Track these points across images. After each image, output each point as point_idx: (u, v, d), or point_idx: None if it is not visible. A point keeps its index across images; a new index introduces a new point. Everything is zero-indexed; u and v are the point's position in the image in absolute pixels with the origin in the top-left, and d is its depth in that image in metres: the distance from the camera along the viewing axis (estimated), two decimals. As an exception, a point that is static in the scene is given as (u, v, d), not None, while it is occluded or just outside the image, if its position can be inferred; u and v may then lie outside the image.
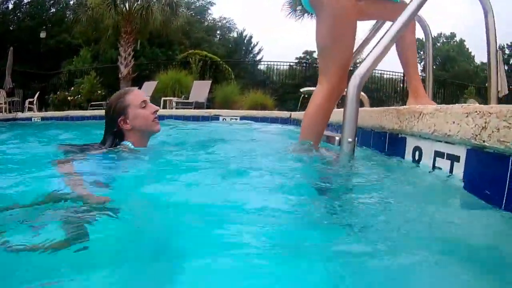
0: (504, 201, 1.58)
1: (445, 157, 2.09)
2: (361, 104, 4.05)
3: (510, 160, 1.56)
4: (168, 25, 26.46)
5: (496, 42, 3.50)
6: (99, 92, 23.48)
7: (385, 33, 2.76)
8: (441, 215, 1.70)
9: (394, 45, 3.05)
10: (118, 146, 2.99)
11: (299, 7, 28.38)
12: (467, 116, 1.82)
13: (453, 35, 74.01)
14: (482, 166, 1.78)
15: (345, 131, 2.67)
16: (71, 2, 36.60)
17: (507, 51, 67.88)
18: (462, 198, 1.85)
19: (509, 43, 68.21)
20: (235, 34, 62.30)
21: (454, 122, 1.92)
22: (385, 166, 2.61)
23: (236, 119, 11.46)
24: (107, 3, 24.63)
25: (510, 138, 1.53)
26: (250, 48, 60.59)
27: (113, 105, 3.04)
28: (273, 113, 12.26)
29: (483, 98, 28.08)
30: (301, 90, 7.79)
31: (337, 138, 2.81)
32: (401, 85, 27.14)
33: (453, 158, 2.01)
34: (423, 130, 2.26)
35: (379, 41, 2.76)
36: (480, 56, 74.92)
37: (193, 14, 48.77)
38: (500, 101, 21.94)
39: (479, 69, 66.46)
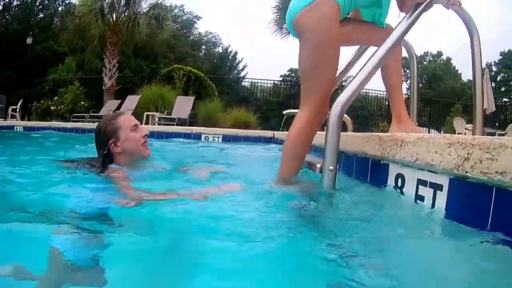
0: (487, 229, 1.61)
1: (428, 185, 2.10)
2: (344, 127, 4.07)
3: (494, 191, 1.58)
4: (154, 38, 26.78)
5: (481, 66, 3.53)
6: (82, 103, 23.43)
7: (368, 60, 2.79)
8: (423, 244, 1.74)
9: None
10: (107, 170, 2.97)
11: (285, 25, 28.33)
12: (449, 147, 1.83)
13: (439, 54, 75.01)
14: (465, 195, 1.80)
15: (326, 159, 2.66)
16: (60, 9, 36.79)
17: (494, 68, 69.03)
18: (445, 227, 1.87)
19: (496, 61, 69.36)
20: (220, 50, 62.86)
21: (436, 152, 1.94)
22: (366, 195, 2.61)
23: (218, 137, 11.43)
24: (95, 13, 24.78)
25: (493, 170, 1.55)
26: (234, 64, 60.96)
27: (104, 127, 3.04)
28: (256, 132, 12.27)
29: (470, 115, 28.46)
30: (284, 112, 7.79)
31: (318, 165, 2.81)
32: (386, 103, 27.37)
33: (436, 187, 2.02)
34: (405, 158, 2.27)
35: (361, 68, 2.79)
36: (467, 73, 75.52)
37: (179, 28, 49.09)
38: (487, 117, 22.27)
39: (466, 86, 67.44)
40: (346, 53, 4.04)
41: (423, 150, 2.07)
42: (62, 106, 23.18)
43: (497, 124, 25.79)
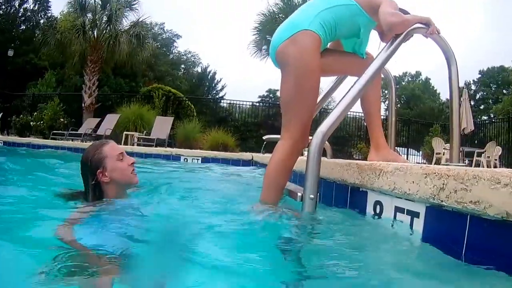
0: (463, 254, 1.71)
1: (405, 212, 2.20)
2: (324, 153, 4.18)
3: (468, 218, 1.69)
4: (134, 57, 26.84)
5: (459, 93, 3.65)
6: (61, 120, 23.33)
7: (348, 91, 2.90)
8: (401, 269, 1.81)
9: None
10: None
11: (264, 47, 28.86)
12: (426, 177, 1.93)
13: (418, 74, 75.59)
14: (441, 222, 1.90)
15: (307, 187, 2.73)
16: (41, 21, 36.65)
17: (473, 87, 69.93)
18: (422, 252, 1.96)
19: (475, 79, 70.26)
20: (199, 69, 63.10)
21: (413, 182, 2.04)
22: (345, 222, 2.68)
23: (197, 159, 11.46)
24: (76, 29, 24.85)
25: (467, 200, 1.66)
26: (213, 84, 61.06)
27: (91, 157, 3.04)
28: (235, 155, 12.29)
29: (449, 135, 28.69)
30: (264, 137, 7.86)
31: (299, 194, 2.87)
32: (364, 123, 27.58)
33: (413, 214, 2.12)
34: (383, 187, 2.37)
35: (342, 99, 2.90)
36: (446, 93, 76.34)
37: (159, 46, 49.02)
38: (467, 136, 22.48)
39: (444, 105, 68.29)
40: (327, 80, 4.17)
41: (401, 179, 2.17)
42: (42, 122, 22.99)
43: (476, 142, 26.20)
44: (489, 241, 1.61)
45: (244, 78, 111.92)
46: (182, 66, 62.41)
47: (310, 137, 2.87)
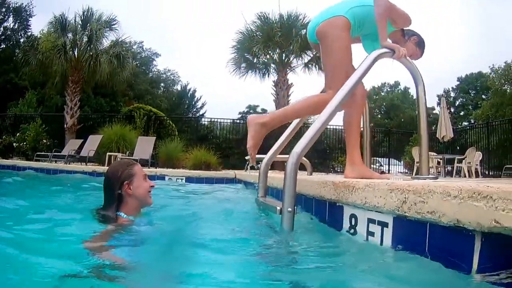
0: (427, 255, 2.02)
1: (376, 223, 2.50)
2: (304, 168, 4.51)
3: (427, 225, 2.00)
4: (115, 77, 26.95)
5: (426, 111, 3.98)
6: (44, 141, 23.28)
7: (320, 115, 3.24)
8: (372, 272, 2.10)
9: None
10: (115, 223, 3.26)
11: (243, 64, 29.39)
12: (391, 192, 2.25)
13: (397, 84, 75.97)
14: (406, 230, 2.21)
15: (285, 201, 3.01)
16: (21, 40, 36.51)
17: (452, 94, 70.57)
18: (391, 257, 2.25)
19: (454, 86, 70.91)
20: (179, 87, 63.24)
21: (381, 197, 2.34)
22: (324, 233, 3.01)
23: (182, 179, 11.69)
24: (58, 49, 24.86)
25: (425, 210, 1.97)
26: (193, 102, 61.26)
27: (121, 171, 3.39)
28: (219, 173, 12.54)
29: (429, 143, 28.99)
30: (247, 158, 8.10)
31: (278, 208, 3.15)
32: (344, 134, 27.88)
33: (383, 224, 2.42)
34: (356, 202, 2.68)
35: (314, 122, 3.29)
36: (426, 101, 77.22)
37: (138, 65, 48.94)
38: (448, 142, 22.77)
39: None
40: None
41: (371, 195, 2.48)
42: (25, 143, 23.01)
43: (458, 148, 26.61)
44: (443, 245, 1.91)
45: (224, 95, 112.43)
46: (162, 84, 62.53)
47: None
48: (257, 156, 6.84)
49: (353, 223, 2.82)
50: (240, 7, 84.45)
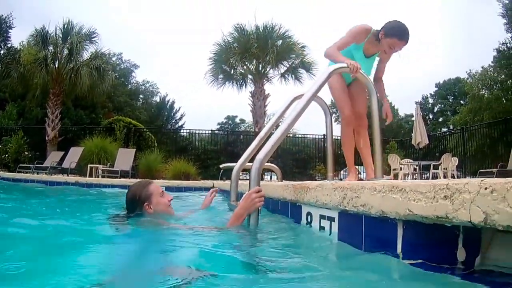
0: (363, 245, 2.41)
1: (326, 218, 2.91)
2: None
3: (363, 218, 2.40)
4: (95, 89, 27.18)
5: (378, 119, 4.48)
6: (26, 153, 23.53)
7: (281, 124, 3.67)
8: (321, 259, 2.51)
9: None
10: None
11: (220, 76, 29.84)
12: (335, 190, 2.65)
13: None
14: (348, 223, 2.61)
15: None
16: (1, 52, 36.21)
17: (430, 100, 71.19)
18: (337, 246, 2.68)
19: (432, 93, 71.52)
20: (157, 99, 63.47)
21: (328, 195, 2.75)
22: (286, 228, 3.45)
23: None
24: (39, 62, 25.04)
25: (359, 204, 2.37)
26: (172, 114, 61.59)
27: (139, 193, 3.77)
28: (197, 183, 12.94)
29: (406, 150, 29.47)
30: (221, 166, 8.46)
31: None
32: (323, 144, 28.27)
33: (331, 219, 2.83)
34: (310, 200, 3.08)
35: (275, 131, 3.69)
36: (404, 109, 77.71)
37: (117, 77, 48.82)
38: (424, 150, 23.08)
39: (403, 121, 69.37)
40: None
41: (320, 194, 2.89)
42: (7, 155, 23.24)
43: (437, 154, 26.76)
44: (375, 233, 2.31)
45: (203, 106, 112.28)
46: (141, 96, 62.75)
47: None
48: (228, 164, 7.26)
49: (309, 220, 3.23)
50: (218, 18, 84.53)
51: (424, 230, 1.96)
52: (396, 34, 4.91)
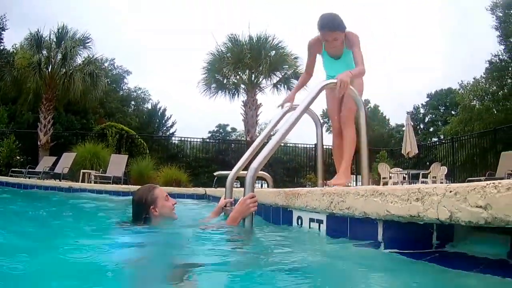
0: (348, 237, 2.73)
1: (315, 221, 3.20)
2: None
3: (348, 220, 2.72)
4: (87, 95, 27.20)
5: (366, 132, 4.81)
6: (18, 157, 23.63)
7: (272, 138, 3.99)
8: (313, 255, 2.78)
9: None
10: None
11: (213, 85, 30.10)
12: (323, 196, 2.95)
13: (367, 101, 76.68)
14: (335, 224, 2.92)
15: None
16: None
17: (422, 111, 71.62)
18: (327, 242, 2.96)
19: (424, 103, 71.95)
20: (149, 106, 63.34)
21: (317, 200, 3.04)
22: (276, 231, 3.75)
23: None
24: (33, 66, 25.07)
25: (344, 207, 2.67)
26: (163, 121, 61.55)
27: (145, 197, 3.94)
28: (189, 190, 13.09)
29: (396, 160, 29.77)
30: (215, 173, 8.74)
31: None
32: (313, 153, 28.49)
33: (320, 221, 3.12)
34: (301, 205, 3.36)
35: (268, 141, 3.99)
36: (395, 119, 77.96)
37: (109, 82, 48.73)
38: (414, 159, 23.35)
39: (394, 131, 69.78)
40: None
41: (310, 199, 3.17)
42: (-2, 159, 22.95)
43: (427, 163, 26.73)
44: (359, 231, 2.61)
45: (194, 114, 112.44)
46: (132, 102, 62.57)
47: None
48: (223, 172, 7.55)
49: (299, 223, 3.51)
50: (211, 27, 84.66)
51: (401, 228, 2.27)
52: (317, 26, 5.22)
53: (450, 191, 1.79)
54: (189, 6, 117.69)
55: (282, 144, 30.49)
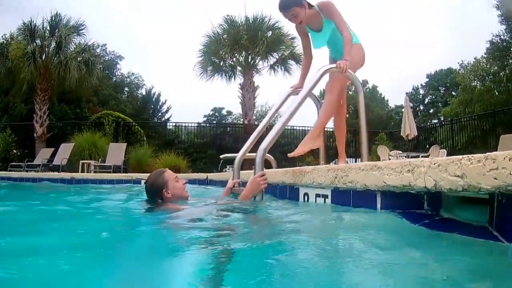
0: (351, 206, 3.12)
1: (321, 196, 3.64)
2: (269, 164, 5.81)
3: (351, 192, 3.15)
4: (83, 84, 27.16)
5: (365, 114, 5.26)
6: (14, 151, 23.71)
7: (280, 118, 4.48)
8: (323, 220, 3.21)
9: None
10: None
11: (209, 68, 30.24)
12: (328, 172, 3.38)
13: (365, 82, 76.45)
14: (339, 198, 3.36)
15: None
16: None
17: (421, 91, 71.44)
18: (332, 212, 3.36)
19: (423, 83, 71.75)
20: (143, 91, 62.65)
21: (322, 176, 3.48)
22: (285, 206, 4.19)
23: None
24: (28, 57, 24.93)
25: (347, 181, 3.11)
26: (158, 107, 61.03)
27: (156, 181, 4.28)
28: (191, 175, 13.50)
29: (395, 142, 30.04)
30: (221, 156, 9.12)
31: None
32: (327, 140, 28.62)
33: (325, 196, 3.56)
34: (307, 182, 3.80)
35: (276, 123, 4.45)
36: (394, 100, 77.86)
37: (102, 69, 48.33)
38: (414, 141, 23.61)
39: (393, 112, 69.69)
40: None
41: (316, 176, 3.60)
42: (-5, 154, 22.85)
43: (427, 146, 26.71)
44: (360, 201, 3.05)
45: (189, 98, 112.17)
46: (126, 88, 61.87)
47: None
48: (228, 155, 8.00)
49: (305, 199, 3.93)
50: (207, 9, 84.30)
51: (396, 197, 2.70)
52: None
53: (434, 163, 2.23)
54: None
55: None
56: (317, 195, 3.71)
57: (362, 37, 5.62)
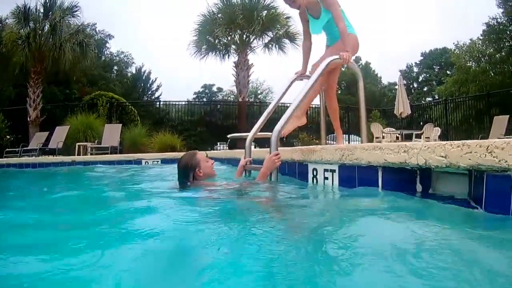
0: (356, 186, 3.79)
1: (329, 171, 4.28)
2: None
3: (356, 168, 3.78)
4: (77, 65, 27.33)
5: (364, 103, 6.01)
6: (8, 137, 23.58)
7: (293, 100, 5.15)
8: (329, 196, 3.93)
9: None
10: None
11: (204, 46, 30.72)
12: (336, 150, 4.03)
13: (358, 59, 76.38)
14: (345, 172, 4.01)
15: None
16: None
17: (415, 69, 71.67)
18: (338, 189, 4.03)
19: (417, 61, 71.96)
20: (133, 70, 62.24)
21: (330, 154, 4.13)
22: (294, 182, 4.89)
23: (157, 161, 13.48)
24: (22, 41, 25.00)
25: (353, 158, 3.75)
26: (148, 85, 60.60)
27: (190, 162, 4.87)
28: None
29: (388, 119, 30.53)
30: (228, 136, 9.70)
31: None
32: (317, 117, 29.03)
33: (333, 171, 4.21)
34: (316, 159, 4.45)
35: (290, 106, 5.13)
36: (387, 76, 77.90)
37: (93, 49, 47.75)
38: (408, 119, 24.08)
39: (386, 89, 69.86)
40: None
41: (324, 154, 4.26)
42: (-13, 141, 22.66)
43: (421, 124, 27.82)
44: (364, 176, 3.69)
45: (179, 74, 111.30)
46: (115, 67, 61.73)
47: None
48: (235, 134, 8.71)
49: (314, 174, 4.58)
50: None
51: (395, 172, 3.35)
52: None
53: (425, 146, 2.90)
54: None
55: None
56: (326, 170, 4.33)
57: (359, 13, 6.21)
